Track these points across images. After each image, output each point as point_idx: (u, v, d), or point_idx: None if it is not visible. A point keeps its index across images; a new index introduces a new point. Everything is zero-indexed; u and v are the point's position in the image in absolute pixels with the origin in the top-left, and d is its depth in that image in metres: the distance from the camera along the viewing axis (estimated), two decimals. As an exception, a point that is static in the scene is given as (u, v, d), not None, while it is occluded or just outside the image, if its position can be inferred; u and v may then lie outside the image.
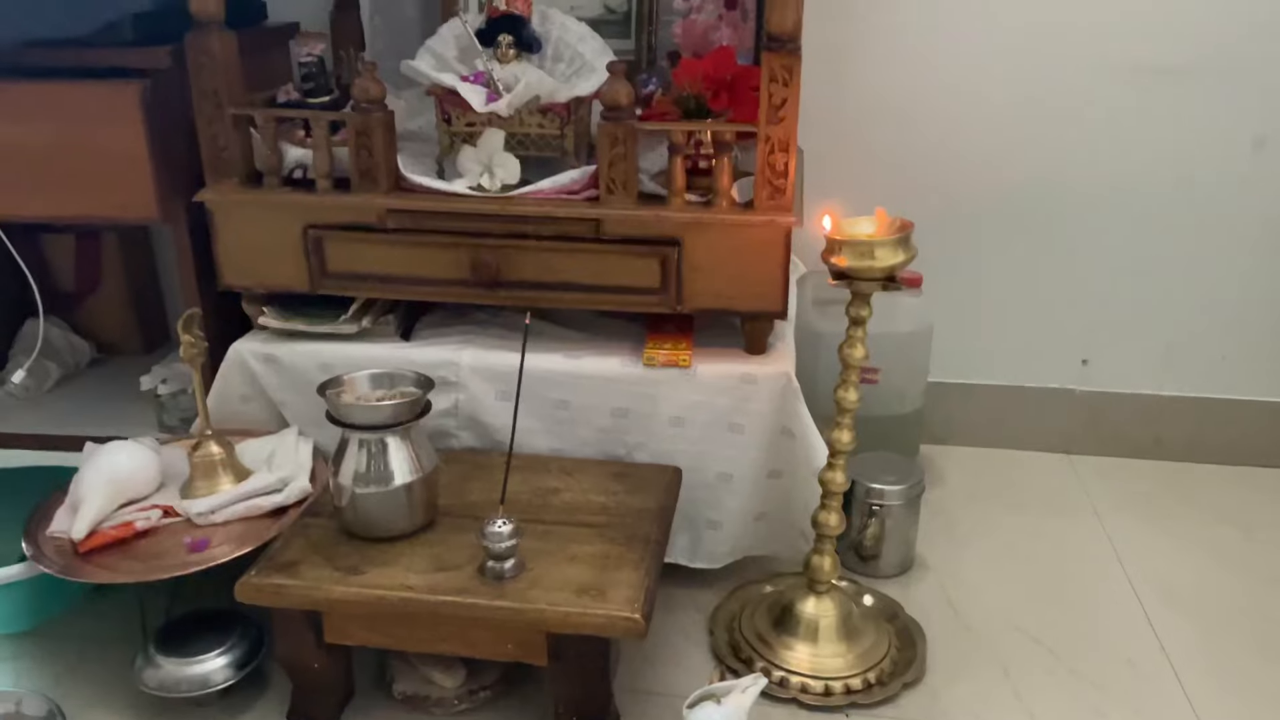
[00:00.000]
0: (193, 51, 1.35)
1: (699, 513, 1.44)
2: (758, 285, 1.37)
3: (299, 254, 1.42)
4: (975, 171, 1.82)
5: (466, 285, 1.41)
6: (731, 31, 1.56)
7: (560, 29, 1.47)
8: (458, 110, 1.41)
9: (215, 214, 1.42)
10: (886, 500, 1.55)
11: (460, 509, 1.30)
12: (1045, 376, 1.93)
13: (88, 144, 1.37)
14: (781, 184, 1.33)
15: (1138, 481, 1.86)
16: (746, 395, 1.39)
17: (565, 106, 1.40)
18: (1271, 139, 1.74)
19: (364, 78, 1.34)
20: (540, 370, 1.40)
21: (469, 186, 1.39)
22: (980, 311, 1.90)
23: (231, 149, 1.40)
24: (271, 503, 1.33)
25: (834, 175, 1.79)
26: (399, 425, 1.21)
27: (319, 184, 1.40)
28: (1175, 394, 1.90)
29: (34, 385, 1.67)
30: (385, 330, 1.48)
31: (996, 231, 1.85)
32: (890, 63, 1.77)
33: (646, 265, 1.37)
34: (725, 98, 1.36)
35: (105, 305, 1.88)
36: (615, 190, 1.35)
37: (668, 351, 1.41)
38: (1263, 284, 1.83)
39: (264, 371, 1.46)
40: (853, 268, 1.19)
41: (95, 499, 1.30)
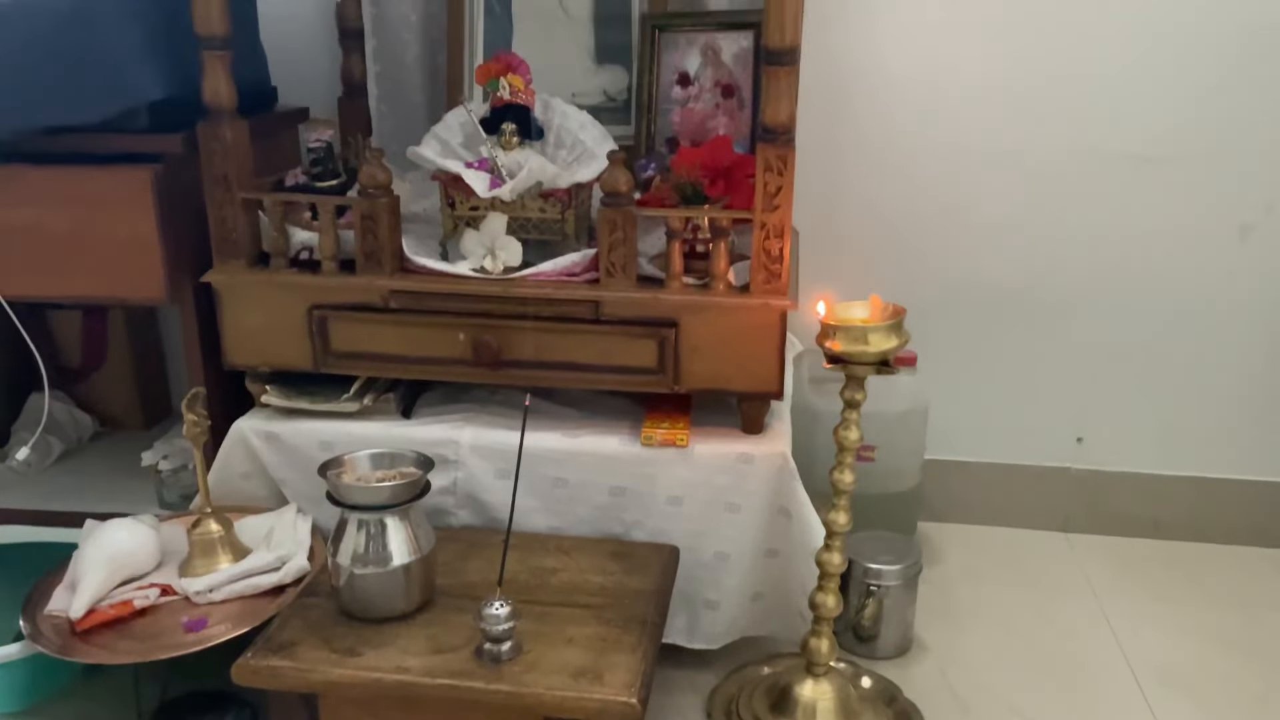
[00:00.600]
0: (205, 139, 1.39)
1: (697, 592, 1.44)
2: (754, 366, 1.39)
3: (303, 333, 1.44)
4: (968, 254, 1.85)
5: (467, 365, 1.43)
6: (728, 120, 1.61)
7: (562, 117, 1.52)
8: (462, 195, 1.44)
9: (222, 294, 1.44)
10: (884, 580, 1.55)
11: (458, 589, 1.30)
12: (1041, 454, 1.94)
13: (100, 227, 1.41)
14: (777, 269, 1.36)
15: (1136, 561, 1.86)
16: (743, 475, 1.40)
17: (566, 192, 1.44)
18: (1258, 225, 1.78)
19: (371, 164, 1.38)
20: (539, 448, 1.41)
21: (472, 269, 1.42)
22: (976, 388, 1.92)
23: (239, 231, 1.43)
24: (269, 581, 1.33)
25: (829, 255, 1.83)
26: (398, 506, 1.22)
27: (324, 265, 1.43)
28: (1172, 473, 1.91)
29: (36, 460, 1.68)
30: (386, 408, 1.50)
31: (990, 310, 1.88)
32: (884, 150, 1.82)
33: (645, 346, 1.40)
34: (722, 185, 1.40)
35: (109, 380, 1.90)
36: (615, 273, 1.38)
37: (665, 431, 1.42)
38: (1256, 364, 1.85)
39: (265, 449, 1.47)
40: (847, 352, 1.21)
41: (94, 577, 1.30)
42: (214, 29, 1.35)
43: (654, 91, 1.67)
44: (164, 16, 1.40)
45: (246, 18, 1.62)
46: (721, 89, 1.64)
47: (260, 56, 1.70)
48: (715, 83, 1.64)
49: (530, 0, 1.73)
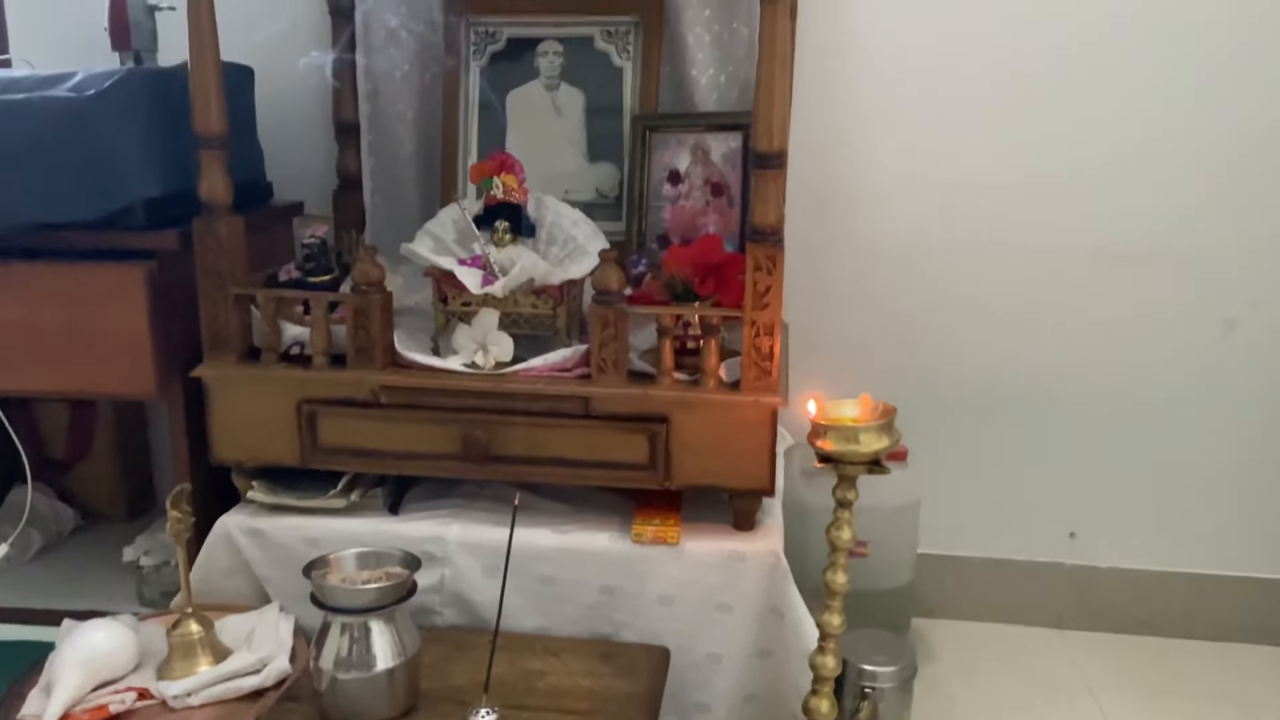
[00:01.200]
0: (200, 235, 1.40)
1: (688, 695, 1.41)
2: (745, 463, 1.38)
3: (292, 428, 1.43)
4: (959, 347, 1.87)
5: (457, 460, 1.42)
6: (718, 217, 1.64)
7: (554, 214, 1.54)
8: (454, 290, 1.45)
9: (212, 389, 1.44)
10: (879, 682, 1.52)
11: (443, 692, 1.27)
12: (1034, 549, 1.93)
13: (92, 323, 1.41)
14: (767, 366, 1.36)
15: (1131, 658, 1.84)
16: (735, 574, 1.39)
17: (559, 288, 1.45)
18: (1241, 320, 1.80)
19: (364, 261, 1.39)
20: (527, 545, 1.39)
21: (463, 364, 1.42)
22: (968, 482, 1.91)
23: (231, 326, 1.43)
24: (250, 684, 1.29)
25: (820, 348, 1.85)
26: (383, 608, 1.20)
27: (315, 360, 1.43)
28: (1165, 569, 1.90)
29: (15, 555, 1.65)
30: (373, 504, 1.48)
31: (981, 403, 1.89)
32: (875, 245, 1.84)
33: (635, 441, 1.39)
34: (712, 283, 1.41)
35: (93, 472, 1.88)
36: (606, 369, 1.39)
37: (656, 528, 1.41)
38: (1247, 459, 1.86)
39: (249, 546, 1.45)
40: (838, 452, 1.21)
41: (70, 681, 1.27)
42: (212, 129, 1.37)
43: (645, 189, 1.70)
44: (163, 114, 1.43)
45: (244, 115, 1.65)
46: (711, 187, 1.67)
47: (257, 152, 1.73)
48: (705, 181, 1.67)
49: (524, 98, 1.77)
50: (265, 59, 1.75)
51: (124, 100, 1.37)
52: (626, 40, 1.72)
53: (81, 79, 1.38)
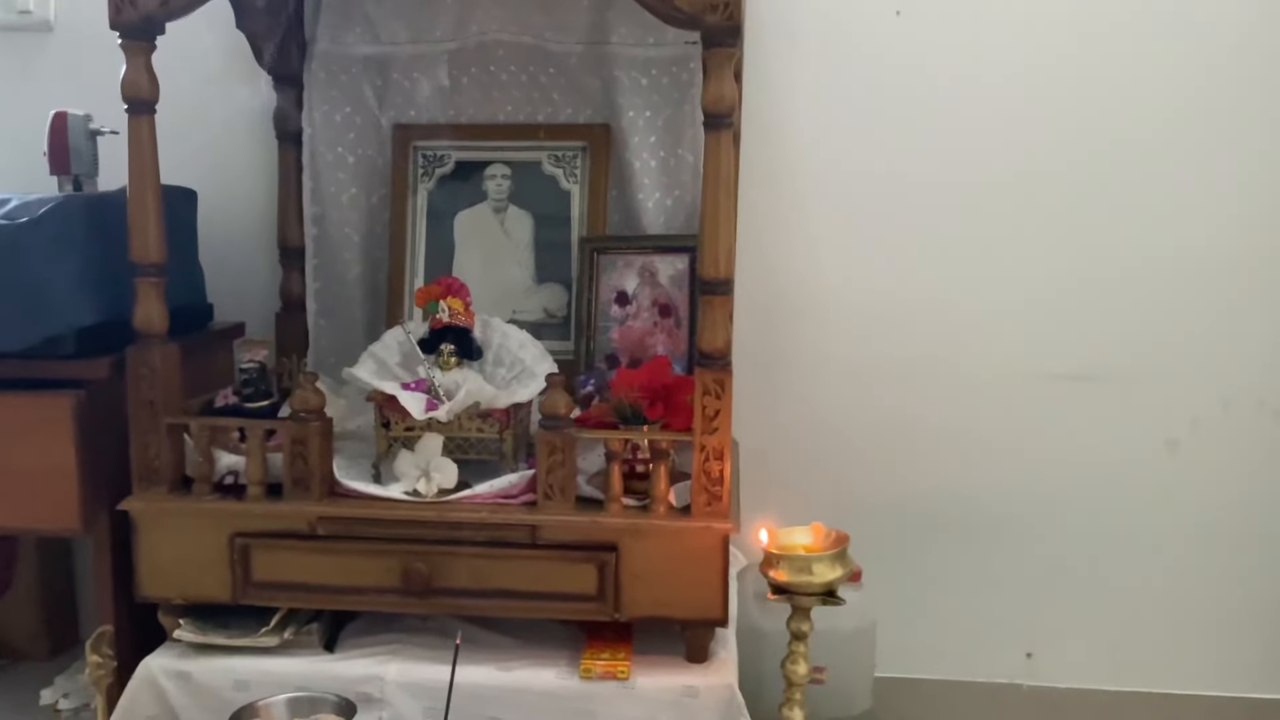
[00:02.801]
0: (134, 364, 1.36)
1: (643, 845, 1.34)
2: (697, 592, 1.35)
3: (224, 563, 1.37)
4: (910, 467, 1.86)
5: (398, 593, 1.37)
6: (666, 337, 1.64)
7: (501, 336, 1.53)
8: (397, 415, 1.42)
9: (139, 523, 1.38)
10: (840, 820, 1.46)
11: None
12: (992, 670, 1.89)
13: (15, 456, 1.36)
14: (718, 490, 1.34)
15: (1096, 781, 1.80)
16: (689, 710, 1.33)
17: (505, 412, 1.43)
18: (1184, 440, 1.82)
19: (304, 388, 1.36)
20: (470, 684, 1.32)
21: (405, 492, 1.38)
22: (923, 604, 1.89)
23: (163, 457, 1.38)
24: (169, 845, 1.21)
25: (772, 465, 1.83)
26: (316, 761, 1.13)
27: (250, 490, 1.38)
28: (1123, 689, 1.88)
29: (-78, 700, 1.55)
30: (308, 641, 1.41)
31: (934, 524, 1.87)
32: (824, 364, 1.85)
33: (584, 571, 1.35)
34: (661, 407, 1.40)
35: (14, 607, 1.79)
36: (553, 495, 1.35)
37: (605, 662, 1.36)
38: (1199, 579, 1.86)
39: (175, 690, 1.37)
40: (791, 583, 1.19)
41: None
42: (150, 257, 1.35)
43: (593, 309, 1.70)
44: (99, 241, 1.41)
45: (185, 238, 1.63)
46: (659, 308, 1.67)
47: (198, 274, 1.71)
48: (653, 302, 1.68)
49: (473, 219, 1.77)
50: (209, 179, 1.75)
51: (58, 228, 1.35)
52: (574, 164, 1.75)
53: (15, 205, 1.36)
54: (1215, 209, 1.78)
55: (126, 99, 1.32)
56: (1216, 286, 1.79)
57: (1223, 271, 1.79)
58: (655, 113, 1.72)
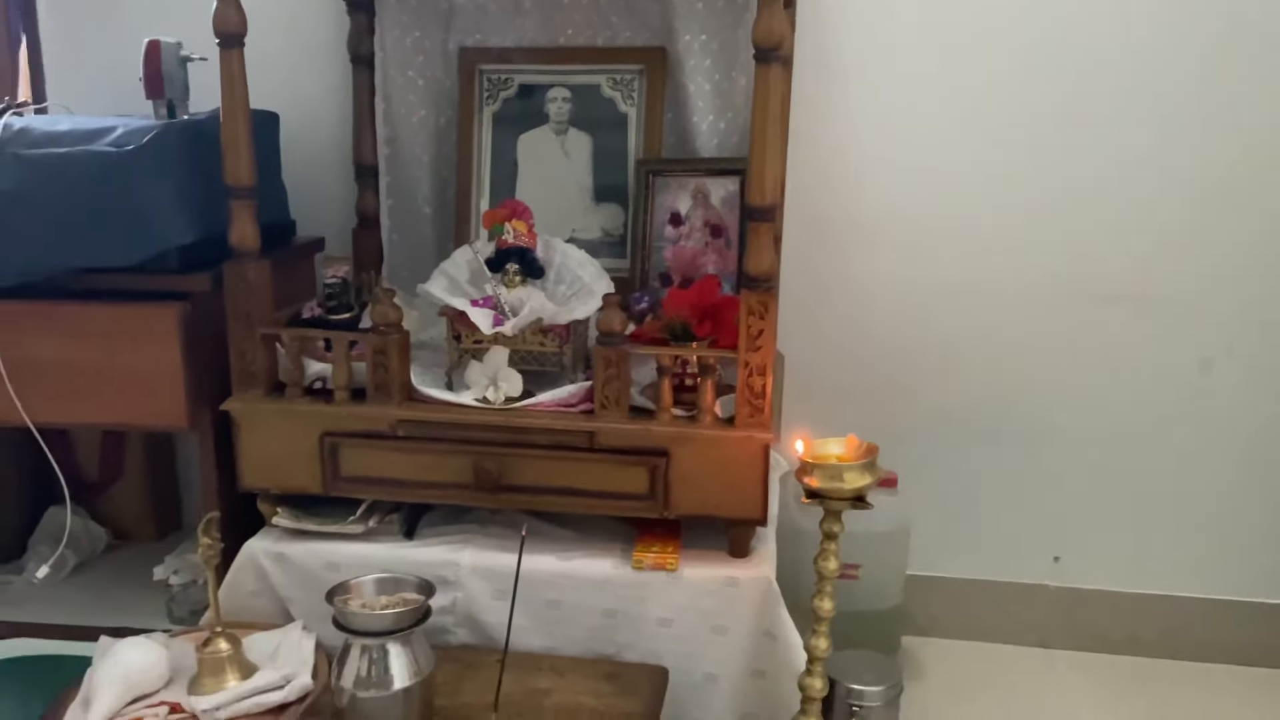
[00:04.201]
0: (230, 279, 1.50)
1: (686, 713, 1.49)
2: (739, 494, 1.47)
3: (315, 459, 1.52)
4: (949, 379, 1.95)
5: (469, 489, 1.51)
6: (717, 257, 1.73)
7: (562, 255, 1.63)
8: (467, 329, 1.54)
9: (239, 422, 1.53)
10: (866, 701, 1.60)
11: (455, 710, 1.35)
12: (1020, 572, 2.00)
13: (127, 360, 1.51)
14: (760, 404, 1.45)
15: (1114, 678, 1.91)
16: (730, 598, 1.47)
17: (565, 327, 1.54)
18: (1218, 361, 1.88)
19: (383, 303, 1.48)
20: (534, 571, 1.47)
21: (475, 399, 1.51)
22: (957, 509, 1.99)
23: (258, 363, 1.53)
24: (275, 699, 1.38)
25: (816, 379, 1.92)
26: (400, 632, 1.29)
27: (337, 395, 1.52)
28: (1146, 592, 1.98)
29: (53, 574, 1.75)
30: (390, 530, 1.57)
31: (970, 432, 1.97)
32: (868, 281, 1.93)
33: (636, 474, 1.48)
34: (709, 325, 1.50)
35: (124, 495, 1.97)
36: (609, 406, 1.47)
37: (655, 555, 1.50)
38: (1225, 488, 1.94)
39: (274, 569, 1.54)
40: (824, 489, 1.29)
41: (106, 696, 1.36)
42: (241, 179, 1.47)
43: (648, 229, 1.79)
44: (196, 165, 1.53)
45: (270, 161, 1.74)
46: (710, 229, 1.76)
47: (282, 193, 1.82)
48: (705, 223, 1.76)
49: (535, 142, 1.86)
50: (289, 102, 1.85)
51: (160, 154, 1.47)
52: (631, 88, 1.81)
53: (121, 133, 1.48)
54: (1259, 129, 1.79)
55: (218, 33, 1.43)
56: (1259, 208, 1.82)
57: (1265, 193, 1.81)
58: (710, 37, 1.77)
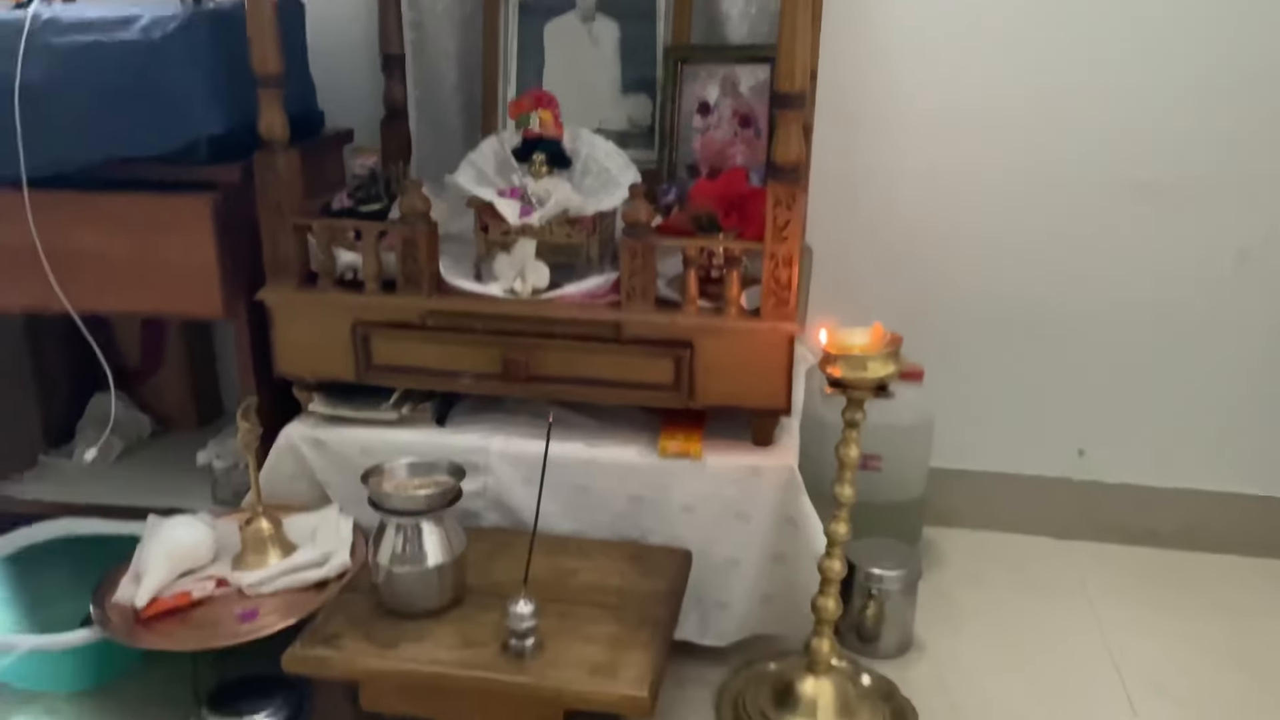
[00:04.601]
0: (260, 169, 1.51)
1: (708, 594, 1.55)
2: (763, 384, 1.49)
3: (348, 348, 1.56)
4: (976, 272, 1.94)
5: (498, 379, 1.55)
6: (745, 148, 1.71)
7: (589, 146, 1.62)
8: (494, 220, 1.55)
9: (274, 311, 1.56)
10: (884, 585, 1.65)
11: (487, 587, 1.41)
12: (1043, 465, 2.02)
13: (163, 250, 1.53)
14: (785, 295, 1.45)
15: (1133, 569, 1.94)
16: (752, 486, 1.50)
17: (591, 219, 1.54)
18: (1255, 252, 1.85)
19: (411, 194, 1.49)
20: (562, 458, 1.51)
21: (503, 290, 1.53)
22: (982, 401, 2.00)
23: (290, 253, 1.55)
24: (315, 576, 1.45)
25: (844, 270, 1.92)
26: (433, 512, 1.34)
27: (367, 286, 1.55)
28: (1170, 485, 1.99)
29: (100, 458, 1.81)
30: (422, 417, 1.61)
31: (995, 327, 1.96)
32: (896, 173, 1.91)
33: (662, 364, 1.50)
34: (736, 217, 1.49)
35: (165, 382, 2.03)
36: (634, 297, 1.49)
37: (680, 443, 1.53)
38: (1250, 383, 1.93)
39: (311, 454, 1.59)
40: (847, 378, 1.31)
41: (156, 570, 1.43)
42: (269, 69, 1.46)
43: (676, 119, 1.77)
44: (223, 54, 1.52)
45: (297, 52, 1.73)
46: (739, 119, 1.73)
47: (309, 85, 1.81)
48: (734, 113, 1.74)
49: (562, 30, 1.83)
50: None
51: (188, 42, 1.46)
52: (660, -28, 1.77)
53: (147, 21, 1.47)
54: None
55: (239, -83, 1.41)
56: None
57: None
58: (742, -83, 1.73)
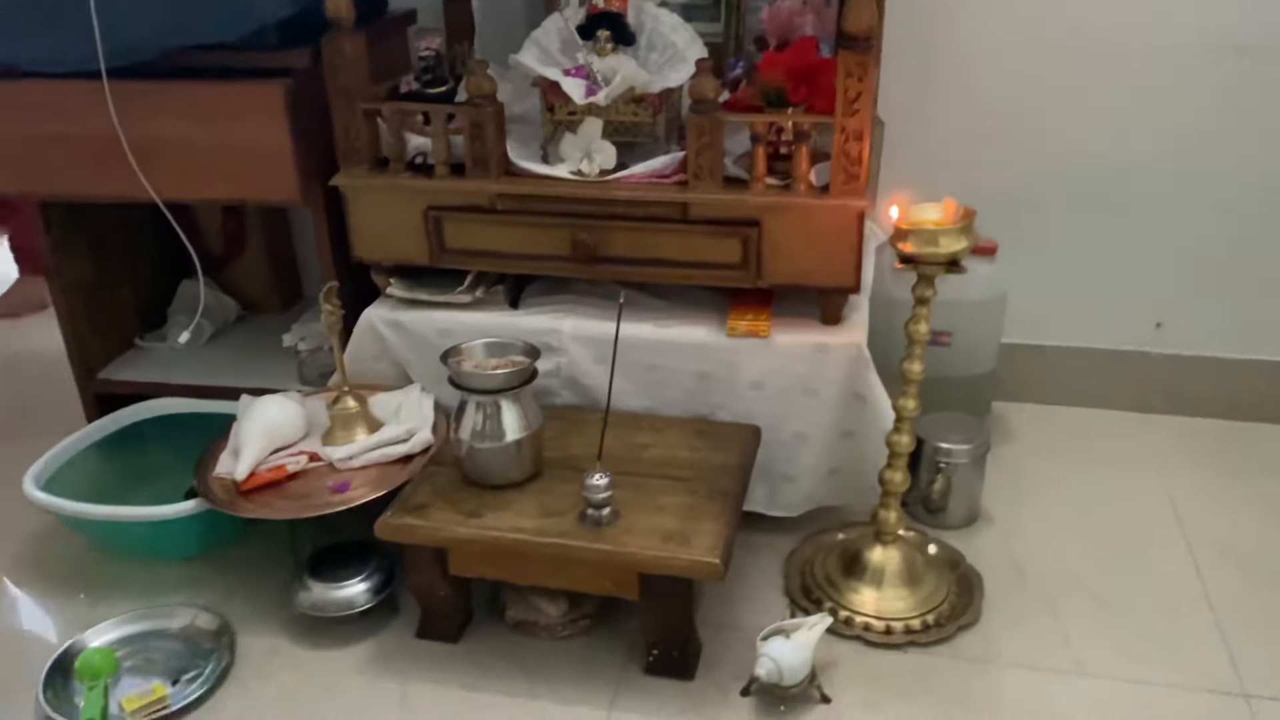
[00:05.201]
0: (328, 53, 1.51)
1: (776, 467, 1.59)
2: (833, 262, 1.49)
3: (421, 232, 1.59)
4: (1054, 142, 1.88)
5: (567, 260, 1.57)
6: (815, 18, 1.65)
7: (654, 21, 1.59)
8: (560, 100, 1.55)
9: (348, 197, 1.60)
10: (952, 458, 1.67)
11: (563, 461, 1.47)
12: (1120, 338, 1.99)
13: (238, 137, 1.56)
14: (855, 170, 1.43)
15: (1207, 441, 1.93)
16: (821, 363, 1.52)
17: (658, 96, 1.53)
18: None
19: (477, 75, 1.49)
20: (632, 338, 1.54)
21: (570, 171, 1.53)
22: (1057, 275, 1.97)
23: (361, 139, 1.57)
24: (400, 451, 1.52)
25: (915, 144, 1.88)
26: (510, 390, 1.39)
27: (437, 169, 1.56)
28: (1250, 357, 1.95)
29: (192, 340, 1.90)
30: (496, 300, 1.65)
31: (1072, 197, 1.91)
32: (971, 44, 1.84)
33: (729, 244, 1.50)
34: (805, 90, 1.46)
35: (248, 268, 2.10)
36: (702, 176, 1.48)
37: (748, 322, 1.54)
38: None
39: (391, 335, 1.65)
40: (918, 254, 1.30)
41: (253, 445, 1.52)
42: (332, -50, 1.46)
43: (743, -10, 1.72)
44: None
45: (358, -70, 1.71)
46: (808, -13, 1.68)
47: (371, -36, 1.80)
48: (803, -20, 1.68)
49: (624, -102, 1.77)
50: None
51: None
52: None
53: (209, -97, 1.47)
54: None
55: None
56: None
57: None
58: None
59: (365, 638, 1.49)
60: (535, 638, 1.48)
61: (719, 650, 1.44)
